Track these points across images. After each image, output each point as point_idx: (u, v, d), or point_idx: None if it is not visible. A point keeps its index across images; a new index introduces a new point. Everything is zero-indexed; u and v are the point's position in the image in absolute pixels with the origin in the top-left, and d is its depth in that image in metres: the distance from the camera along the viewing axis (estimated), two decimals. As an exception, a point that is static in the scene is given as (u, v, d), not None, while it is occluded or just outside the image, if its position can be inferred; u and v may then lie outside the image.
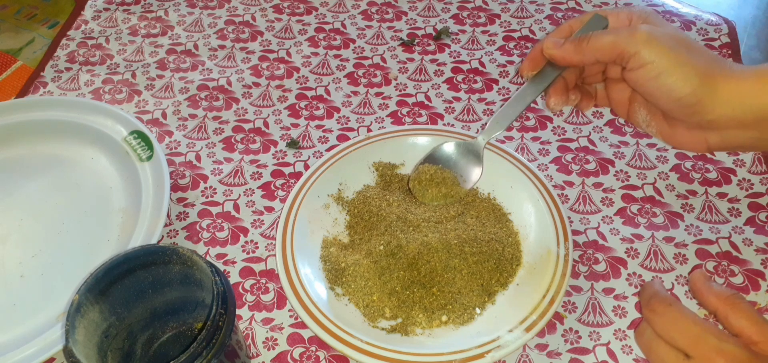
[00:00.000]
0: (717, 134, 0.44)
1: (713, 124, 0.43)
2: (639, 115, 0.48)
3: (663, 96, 0.43)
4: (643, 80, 0.43)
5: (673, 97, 0.42)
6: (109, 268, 0.41)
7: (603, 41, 0.44)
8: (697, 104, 0.42)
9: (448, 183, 0.50)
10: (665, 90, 0.42)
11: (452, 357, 0.46)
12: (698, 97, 0.42)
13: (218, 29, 0.81)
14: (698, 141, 0.45)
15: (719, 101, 0.42)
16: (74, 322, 0.39)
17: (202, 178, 0.63)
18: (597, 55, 0.44)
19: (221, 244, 0.57)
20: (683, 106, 0.43)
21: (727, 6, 1.60)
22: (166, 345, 0.47)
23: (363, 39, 0.79)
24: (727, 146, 0.45)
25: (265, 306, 0.53)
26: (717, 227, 0.57)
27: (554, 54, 0.46)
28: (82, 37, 0.80)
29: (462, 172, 0.50)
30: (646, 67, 0.42)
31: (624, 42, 0.43)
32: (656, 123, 0.47)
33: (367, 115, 0.69)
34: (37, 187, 0.63)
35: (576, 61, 0.45)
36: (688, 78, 0.41)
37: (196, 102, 0.71)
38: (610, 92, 0.50)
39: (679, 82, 0.42)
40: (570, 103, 0.49)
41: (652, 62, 0.42)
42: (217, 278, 0.40)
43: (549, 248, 0.53)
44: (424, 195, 0.51)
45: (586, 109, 0.51)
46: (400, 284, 0.52)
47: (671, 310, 0.44)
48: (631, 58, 0.43)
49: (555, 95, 0.47)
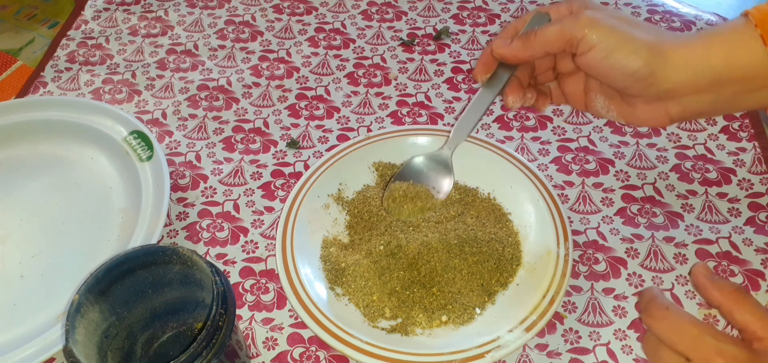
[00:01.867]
0: (676, 103, 0.44)
1: (670, 93, 0.44)
2: (597, 103, 0.48)
3: (617, 74, 0.43)
4: (595, 62, 0.43)
5: (626, 72, 0.43)
6: (109, 268, 0.41)
7: (549, 32, 0.44)
8: (651, 76, 0.43)
9: (422, 197, 0.51)
10: (618, 67, 0.43)
11: (452, 357, 0.46)
12: (651, 68, 0.42)
13: (218, 29, 0.81)
14: (659, 114, 0.46)
15: (672, 68, 0.42)
16: (74, 322, 0.39)
17: (202, 178, 0.63)
18: (545, 46, 0.45)
19: (221, 244, 0.57)
20: (638, 80, 0.43)
21: (727, 6, 1.60)
22: (166, 345, 0.47)
23: (363, 39, 0.79)
24: (689, 114, 0.45)
25: (265, 306, 0.53)
26: (717, 227, 0.57)
27: (504, 53, 0.47)
28: (82, 37, 0.80)
29: (434, 184, 0.51)
30: (595, 49, 0.43)
31: (569, 28, 0.44)
32: (615, 106, 0.48)
33: (367, 115, 0.69)
34: (37, 187, 0.63)
35: (526, 57, 0.46)
36: (637, 51, 0.42)
37: (196, 102, 0.71)
38: (564, 87, 0.50)
39: (630, 57, 0.42)
40: (527, 101, 0.49)
41: (600, 42, 0.43)
42: (217, 278, 0.40)
43: (549, 248, 0.53)
44: (400, 212, 0.51)
45: (543, 108, 0.51)
46: (400, 284, 0.52)
47: (669, 314, 0.43)
48: (579, 42, 0.43)
49: (511, 94, 0.48)
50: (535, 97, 0.50)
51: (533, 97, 0.50)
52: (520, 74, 0.48)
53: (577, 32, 0.43)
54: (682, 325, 0.42)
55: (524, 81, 0.49)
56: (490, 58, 0.48)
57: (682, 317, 0.43)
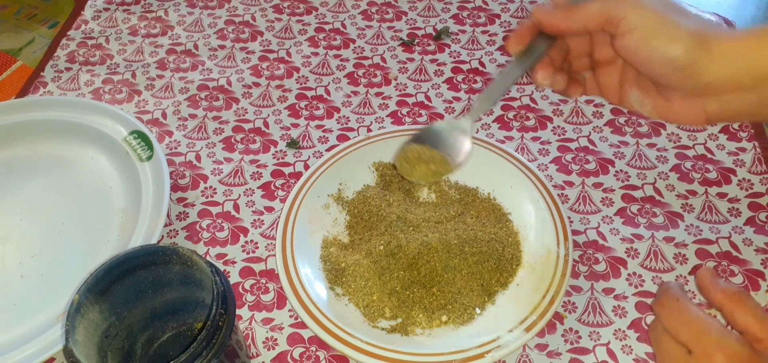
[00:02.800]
0: (715, 101, 0.42)
1: (710, 88, 0.42)
2: (631, 97, 0.47)
3: (655, 60, 0.42)
4: (634, 45, 0.42)
5: (665, 59, 0.41)
6: (109, 268, 0.41)
7: (591, 7, 0.43)
8: (692, 65, 0.41)
9: (436, 161, 0.48)
10: (657, 53, 0.41)
11: (452, 357, 0.46)
12: (692, 57, 0.40)
13: (218, 29, 0.81)
14: (696, 111, 0.44)
15: (714, 61, 0.40)
16: (74, 322, 0.39)
17: (202, 178, 0.63)
18: (585, 20, 0.43)
19: (221, 244, 0.57)
20: (677, 69, 0.41)
21: (727, 6, 1.60)
22: (166, 345, 0.47)
23: (363, 39, 0.79)
24: (726, 115, 0.43)
25: (265, 306, 0.53)
26: (717, 227, 0.57)
27: (542, 18, 0.45)
28: (82, 37, 0.80)
29: (451, 150, 0.48)
30: (637, 31, 0.41)
31: (612, 7, 0.42)
32: (650, 99, 0.46)
33: (367, 115, 0.69)
34: (37, 187, 0.63)
35: (564, 27, 0.44)
36: (681, 38, 0.40)
37: (196, 102, 0.71)
38: (599, 77, 0.49)
39: (672, 43, 0.41)
40: (556, 84, 0.47)
41: (642, 25, 0.41)
42: (217, 278, 0.40)
43: (549, 248, 0.53)
44: (412, 172, 0.49)
45: (574, 95, 0.49)
46: (400, 284, 0.52)
47: (677, 306, 0.44)
48: (620, 22, 0.42)
49: (542, 70, 0.46)
50: (565, 80, 0.48)
51: (564, 80, 0.47)
52: (553, 54, 0.46)
53: (620, 11, 0.41)
54: (688, 317, 0.43)
55: (557, 63, 0.47)
56: (527, 31, 0.46)
57: (689, 310, 0.43)
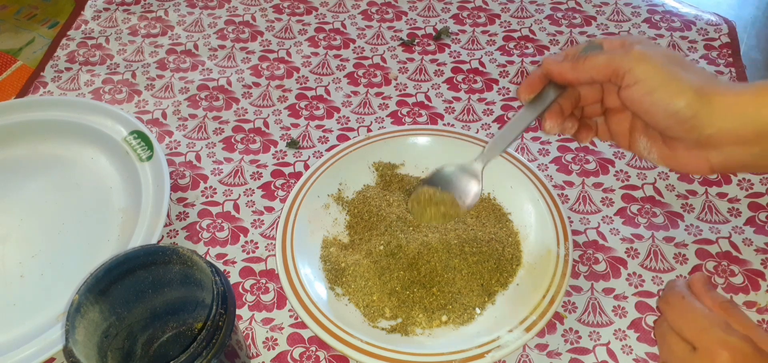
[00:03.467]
0: (718, 153, 0.43)
1: (712, 140, 0.43)
2: (640, 144, 0.48)
3: (659, 112, 0.43)
4: (638, 97, 0.43)
5: (668, 111, 0.42)
6: (109, 268, 0.41)
7: (598, 60, 0.45)
8: (694, 118, 0.42)
9: (446, 203, 0.50)
10: (660, 105, 0.42)
11: (452, 357, 0.46)
12: (694, 110, 0.41)
13: (218, 29, 0.81)
14: (700, 162, 0.45)
15: (716, 115, 0.41)
16: (74, 322, 0.39)
17: (202, 178, 0.63)
18: (592, 72, 0.45)
19: (221, 244, 0.57)
20: (680, 121, 0.42)
21: (727, 6, 1.60)
22: (166, 345, 0.47)
23: (363, 39, 0.79)
24: (730, 166, 0.44)
25: (265, 306, 0.53)
26: (717, 227, 0.57)
27: (552, 69, 0.47)
28: (82, 37, 0.80)
29: (460, 193, 0.50)
30: (641, 83, 0.43)
31: (618, 60, 0.43)
32: (657, 148, 0.47)
33: (367, 115, 0.69)
34: (37, 187, 0.63)
35: (572, 78, 0.46)
36: (683, 91, 0.42)
37: (196, 102, 0.71)
38: (609, 124, 0.50)
39: (674, 96, 0.42)
40: (566, 130, 0.49)
41: (646, 78, 0.42)
42: (217, 278, 0.40)
43: (549, 248, 0.53)
44: (423, 215, 0.51)
45: (585, 140, 0.51)
46: (400, 284, 0.52)
47: (682, 303, 0.45)
48: (625, 74, 0.43)
49: (550, 119, 0.48)
50: (575, 126, 0.50)
51: (574, 126, 0.49)
52: (563, 102, 0.48)
53: (625, 64, 0.43)
54: (693, 314, 0.44)
55: (567, 110, 0.49)
56: (537, 80, 0.48)
57: (694, 307, 0.44)
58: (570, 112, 0.49)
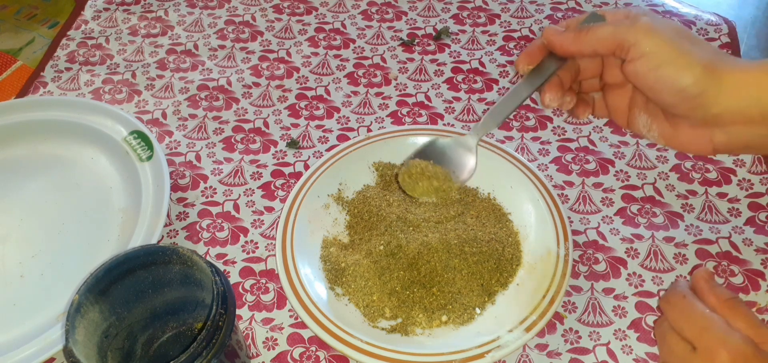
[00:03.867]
0: (722, 132, 0.42)
1: (718, 119, 0.41)
2: (639, 121, 0.47)
3: (665, 87, 0.41)
4: (644, 71, 0.42)
5: (675, 87, 0.41)
6: (109, 268, 0.41)
7: (602, 31, 0.43)
8: (701, 95, 0.40)
9: (439, 177, 0.48)
10: (667, 81, 0.41)
11: (452, 357, 0.46)
12: (701, 87, 0.40)
13: (218, 29, 0.81)
14: (703, 141, 0.44)
15: (724, 92, 0.40)
16: (74, 322, 0.39)
17: (202, 178, 0.63)
18: (596, 45, 0.43)
19: (221, 244, 0.57)
20: (686, 98, 0.41)
21: (727, 6, 1.60)
22: (166, 345, 0.47)
23: (363, 39, 0.79)
24: (734, 146, 0.43)
25: (265, 306, 0.53)
26: (717, 227, 0.57)
27: (553, 39, 0.45)
28: (82, 37, 0.80)
29: (455, 167, 0.48)
30: (647, 57, 0.41)
31: (623, 32, 0.42)
32: (658, 125, 0.46)
33: (367, 115, 0.69)
34: (37, 187, 0.63)
35: (574, 50, 0.44)
36: (691, 67, 0.40)
37: (196, 102, 0.71)
38: (608, 99, 0.49)
39: (681, 71, 0.40)
40: (565, 104, 0.48)
41: (652, 52, 0.41)
42: (217, 278, 0.40)
43: (549, 248, 0.53)
44: (415, 188, 0.49)
45: (582, 115, 0.49)
46: (400, 284, 0.52)
47: (683, 302, 0.44)
48: (630, 47, 0.41)
49: (550, 91, 0.46)
50: (574, 101, 0.48)
51: (572, 101, 0.48)
52: (562, 75, 0.46)
53: (631, 37, 0.41)
54: (693, 314, 0.43)
55: (566, 83, 0.47)
56: (537, 50, 0.46)
57: (694, 307, 0.44)
58: (569, 86, 0.47)
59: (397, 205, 0.57)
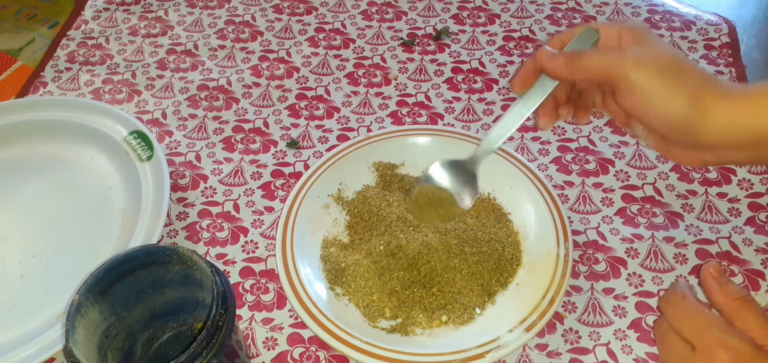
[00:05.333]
0: (712, 153, 0.44)
1: (706, 146, 0.43)
2: (637, 128, 0.48)
3: (654, 120, 0.43)
4: (633, 106, 0.43)
5: (663, 121, 0.42)
6: (109, 268, 0.41)
7: (593, 62, 0.44)
8: (689, 128, 0.42)
9: (445, 204, 0.50)
10: (655, 115, 0.42)
11: (452, 357, 0.46)
12: (689, 120, 0.41)
13: (218, 29, 0.81)
14: (694, 158, 0.45)
15: (711, 125, 0.41)
16: (74, 322, 0.39)
17: (202, 178, 0.63)
18: (586, 73, 0.44)
19: (221, 244, 0.57)
20: (674, 129, 0.42)
21: (727, 6, 1.60)
22: (166, 345, 0.47)
23: (363, 39, 0.79)
24: (724, 163, 0.45)
25: (265, 306, 0.53)
26: (717, 227, 0.57)
27: (546, 65, 0.46)
28: (82, 37, 0.80)
29: (459, 190, 0.50)
30: (635, 93, 0.42)
31: (613, 65, 0.42)
32: (653, 138, 0.47)
33: (367, 115, 0.69)
34: (37, 187, 0.63)
35: (566, 76, 0.45)
36: (678, 102, 0.41)
37: (196, 102, 0.71)
38: (607, 104, 0.49)
39: (669, 107, 0.41)
40: (561, 117, 0.49)
41: (641, 88, 0.42)
42: (217, 278, 0.40)
43: (549, 248, 0.53)
44: (423, 217, 0.51)
45: (583, 120, 0.51)
46: (400, 284, 0.52)
47: (683, 302, 0.45)
48: (619, 82, 0.42)
49: (544, 116, 0.47)
50: (571, 112, 0.49)
51: (570, 113, 0.49)
52: (558, 93, 0.47)
53: (618, 70, 0.42)
54: (692, 313, 0.43)
55: (562, 98, 0.48)
56: (531, 72, 0.47)
57: (694, 307, 0.44)
58: (566, 99, 0.49)
59: (397, 205, 0.57)
